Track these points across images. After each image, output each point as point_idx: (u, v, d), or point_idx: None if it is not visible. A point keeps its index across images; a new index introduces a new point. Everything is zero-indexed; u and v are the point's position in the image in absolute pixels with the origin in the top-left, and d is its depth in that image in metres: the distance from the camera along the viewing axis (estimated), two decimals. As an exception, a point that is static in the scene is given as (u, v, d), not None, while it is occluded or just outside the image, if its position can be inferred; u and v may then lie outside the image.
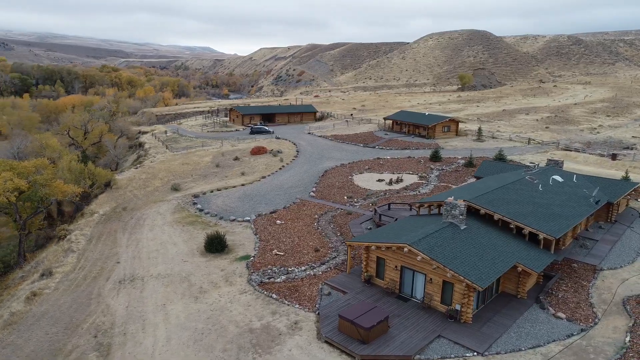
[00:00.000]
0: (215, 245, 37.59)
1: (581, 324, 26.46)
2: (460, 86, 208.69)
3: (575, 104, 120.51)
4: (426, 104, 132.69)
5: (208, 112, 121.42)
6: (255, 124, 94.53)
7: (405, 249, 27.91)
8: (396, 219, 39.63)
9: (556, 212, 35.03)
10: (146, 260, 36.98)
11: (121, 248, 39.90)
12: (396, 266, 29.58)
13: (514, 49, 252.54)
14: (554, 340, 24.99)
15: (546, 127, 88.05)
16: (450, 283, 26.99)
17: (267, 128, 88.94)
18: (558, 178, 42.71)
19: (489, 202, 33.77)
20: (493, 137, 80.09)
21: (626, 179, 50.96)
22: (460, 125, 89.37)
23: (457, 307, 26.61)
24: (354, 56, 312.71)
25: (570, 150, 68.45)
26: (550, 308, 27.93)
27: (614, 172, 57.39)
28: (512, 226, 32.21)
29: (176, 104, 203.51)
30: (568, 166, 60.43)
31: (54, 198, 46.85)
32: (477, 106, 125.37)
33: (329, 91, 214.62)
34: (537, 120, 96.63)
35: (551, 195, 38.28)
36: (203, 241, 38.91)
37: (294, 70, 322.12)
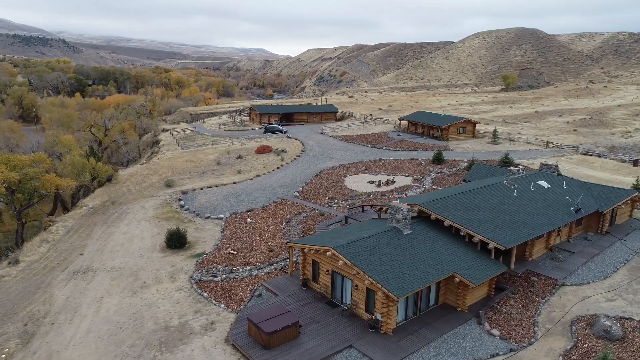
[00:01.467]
0: (174, 241, 37.85)
1: (514, 343, 24.09)
2: (503, 87, 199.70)
3: (619, 105, 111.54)
4: (457, 104, 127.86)
5: (234, 111, 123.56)
6: (270, 123, 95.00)
7: (329, 253, 26.69)
8: (360, 222, 38.19)
9: (523, 220, 32.30)
10: (108, 253, 37.85)
11: (92, 240, 41.15)
12: (328, 270, 28.37)
13: (566, 48, 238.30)
14: None
15: (574, 130, 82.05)
16: (373, 291, 25.47)
17: (280, 127, 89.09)
18: (543, 183, 39.50)
19: (443, 207, 31.66)
20: (510, 140, 75.67)
21: (637, 187, 46.43)
22: (481, 127, 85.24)
23: (378, 316, 25.05)
24: (398, 56, 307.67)
25: (590, 155, 63.23)
26: (487, 324, 25.68)
27: (629, 179, 52.39)
28: (462, 233, 30.01)
29: (216, 104, 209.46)
30: (581, 172, 56.07)
31: (46, 191, 49.10)
32: (511, 107, 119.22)
33: (365, 91, 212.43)
34: (567, 122, 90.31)
35: (526, 201, 35.38)
36: (167, 237, 39.33)
37: (336, 70, 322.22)
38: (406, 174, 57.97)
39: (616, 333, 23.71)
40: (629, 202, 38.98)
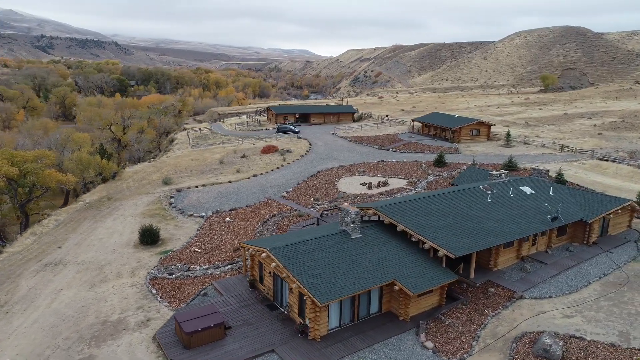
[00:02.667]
0: (146, 237, 38.52)
1: (444, 357, 22.74)
2: (542, 88, 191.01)
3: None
4: (484, 106, 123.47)
5: (255, 111, 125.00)
6: (284, 124, 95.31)
7: (264, 254, 26.26)
8: (328, 223, 37.41)
9: (487, 227, 30.56)
10: (84, 247, 39.05)
11: (75, 234, 42.60)
12: (270, 272, 27.92)
13: (614, 47, 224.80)
14: (396, 372, 21.81)
15: (599, 134, 77.12)
16: (305, 295, 24.81)
17: (292, 127, 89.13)
18: (527, 189, 37.28)
19: (399, 211, 30.46)
20: (525, 143, 72.12)
21: (644, 195, 42.95)
22: (499, 129, 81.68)
23: (307, 321, 24.36)
24: (435, 57, 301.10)
25: (606, 160, 59.18)
26: (423, 335, 24.41)
27: (639, 187, 48.56)
28: (414, 239, 28.73)
29: (249, 104, 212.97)
30: (590, 178, 52.66)
31: (46, 186, 51.34)
32: (540, 109, 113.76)
33: (397, 92, 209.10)
34: (595, 125, 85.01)
35: (499, 208, 33.49)
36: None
37: (371, 71, 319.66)
38: (402, 177, 56.44)
39: (555, 353, 21.88)
40: (619, 211, 35.97)
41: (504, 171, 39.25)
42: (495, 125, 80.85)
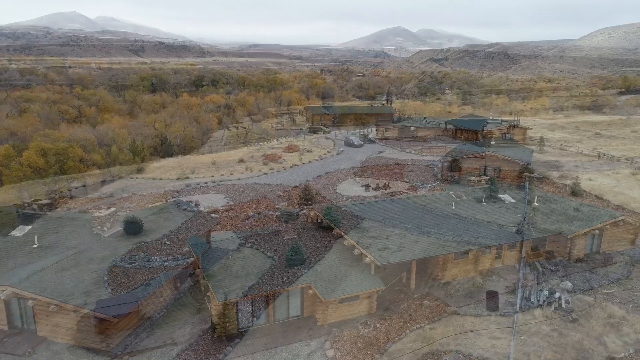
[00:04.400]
0: (129, 228, 40.57)
1: (338, 367, 21.79)
2: (622, 89, 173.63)
3: None
4: (540, 108, 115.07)
5: (298, 111, 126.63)
6: (318, 124, 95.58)
7: (186, 249, 26.70)
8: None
9: (437, 235, 28.66)
10: (76, 234, 42.05)
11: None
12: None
13: None
14: (281, 377, 21.27)
15: (654, 141, 68.88)
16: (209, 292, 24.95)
17: (323, 127, 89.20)
18: (507, 198, 34.46)
19: (342, 215, 29.50)
20: (561, 149, 66.22)
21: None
22: (539, 134, 75.71)
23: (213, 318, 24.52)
24: (506, 57, 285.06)
25: (645, 171, 52.72)
26: (327, 343, 23.54)
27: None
28: (347, 244, 27.73)
29: (308, 104, 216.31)
30: (613, 189, 47.55)
31: (69, 176, 56.04)
32: (604, 112, 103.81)
33: (456, 95, 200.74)
34: (655, 131, 76.02)
35: (460, 216, 31.25)
36: (134, 224, 42.31)
37: (438, 72, 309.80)
38: (407, 180, 54.39)
39: (451, 375, 20.11)
40: (608, 226, 31.90)
41: (484, 177, 36.53)
42: (532, 128, 75.10)
